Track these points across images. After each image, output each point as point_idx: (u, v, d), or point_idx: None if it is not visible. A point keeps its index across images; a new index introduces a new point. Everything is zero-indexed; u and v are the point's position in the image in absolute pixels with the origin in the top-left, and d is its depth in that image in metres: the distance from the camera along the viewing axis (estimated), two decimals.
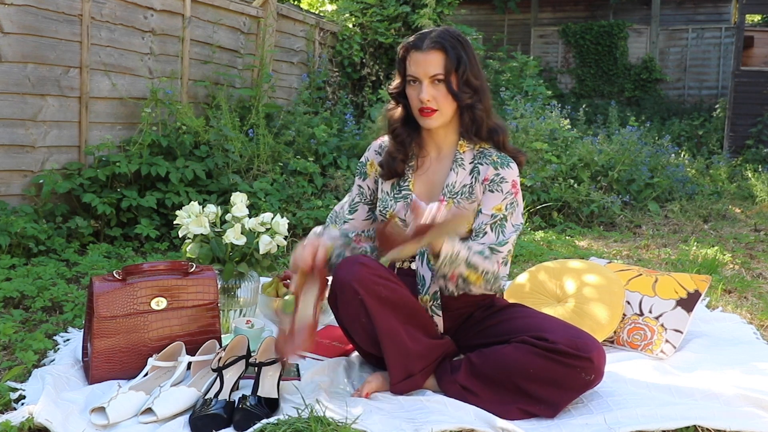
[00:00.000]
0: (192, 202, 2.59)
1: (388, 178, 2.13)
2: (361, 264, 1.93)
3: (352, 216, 2.22)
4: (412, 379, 1.97)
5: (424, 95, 1.97)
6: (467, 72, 1.98)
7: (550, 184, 5.44)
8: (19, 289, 2.87)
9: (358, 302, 1.91)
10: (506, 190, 2.01)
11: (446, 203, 2.04)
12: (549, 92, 7.91)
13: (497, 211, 2.01)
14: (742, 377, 2.12)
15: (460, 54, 1.97)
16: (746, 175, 7.60)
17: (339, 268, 1.95)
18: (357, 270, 1.91)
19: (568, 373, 1.85)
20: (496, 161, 2.03)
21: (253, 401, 1.81)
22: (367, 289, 1.89)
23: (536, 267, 2.69)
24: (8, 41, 3.76)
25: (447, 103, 2.00)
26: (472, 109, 2.02)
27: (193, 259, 2.50)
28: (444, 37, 1.98)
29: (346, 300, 1.94)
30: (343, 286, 1.92)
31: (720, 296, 3.18)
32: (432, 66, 1.96)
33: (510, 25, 13.96)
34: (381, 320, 1.91)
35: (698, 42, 12.60)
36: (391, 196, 2.11)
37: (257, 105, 5.39)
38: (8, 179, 3.86)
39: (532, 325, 1.96)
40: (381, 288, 1.91)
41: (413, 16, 7.15)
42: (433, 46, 1.96)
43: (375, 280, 1.91)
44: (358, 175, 2.24)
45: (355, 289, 1.89)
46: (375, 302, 1.90)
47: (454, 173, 2.06)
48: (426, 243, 1.82)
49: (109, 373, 2.03)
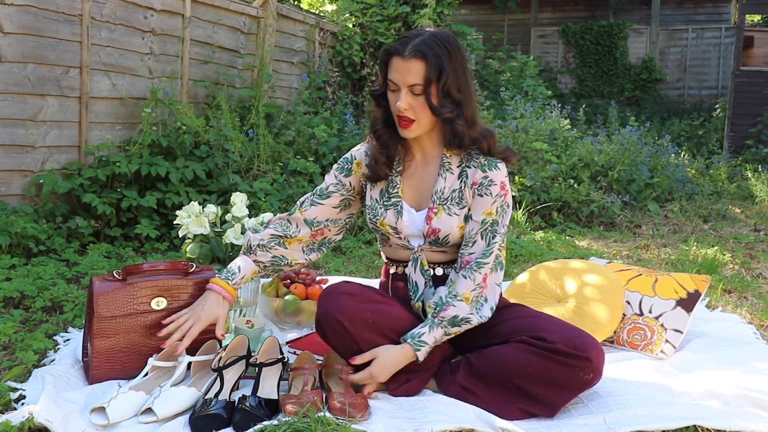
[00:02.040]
0: (192, 202, 2.59)
1: (373, 182, 2.09)
2: (344, 294, 1.93)
3: (323, 201, 2.13)
4: (409, 384, 1.97)
5: (401, 104, 1.92)
6: (448, 83, 1.90)
7: (550, 184, 5.45)
8: (19, 289, 2.87)
9: (345, 333, 1.92)
10: (495, 192, 1.98)
11: (436, 211, 2.02)
12: (549, 92, 7.93)
13: (487, 216, 1.99)
14: (742, 377, 2.12)
15: (443, 64, 1.89)
16: (746, 175, 7.61)
17: (322, 299, 1.96)
18: (341, 301, 1.91)
19: (566, 372, 1.85)
20: (484, 164, 2.00)
21: (253, 402, 1.81)
22: (353, 319, 1.90)
23: (536, 267, 2.69)
24: (8, 41, 3.76)
25: (425, 114, 1.93)
26: (452, 124, 1.95)
27: (193, 259, 2.50)
28: (428, 44, 1.89)
29: (334, 332, 1.94)
30: (328, 318, 1.93)
31: (720, 296, 3.18)
32: (411, 75, 1.89)
33: (510, 25, 13.97)
34: (372, 344, 1.92)
35: (698, 42, 12.60)
36: (381, 204, 2.08)
37: (257, 105, 5.39)
38: (8, 179, 3.86)
39: (531, 325, 1.96)
40: (368, 314, 1.92)
41: (413, 16, 7.15)
42: (415, 54, 1.88)
43: (360, 308, 1.92)
44: (338, 170, 2.15)
45: (341, 321, 1.90)
46: (362, 330, 1.91)
47: (442, 179, 2.03)
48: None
49: (109, 373, 2.03)
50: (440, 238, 2.03)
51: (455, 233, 2.02)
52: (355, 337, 1.91)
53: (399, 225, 2.05)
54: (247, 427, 1.74)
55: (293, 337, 2.52)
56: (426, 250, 2.06)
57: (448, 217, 2.01)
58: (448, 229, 2.01)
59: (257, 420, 1.76)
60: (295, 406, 1.76)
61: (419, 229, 2.05)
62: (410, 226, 2.05)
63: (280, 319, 2.64)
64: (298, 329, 2.62)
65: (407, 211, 2.06)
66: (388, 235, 2.09)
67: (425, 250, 2.06)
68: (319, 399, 1.83)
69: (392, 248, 2.13)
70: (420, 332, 1.92)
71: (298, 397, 1.82)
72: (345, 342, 1.94)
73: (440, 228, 2.01)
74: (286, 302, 2.61)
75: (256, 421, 1.75)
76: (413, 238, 2.07)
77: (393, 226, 2.06)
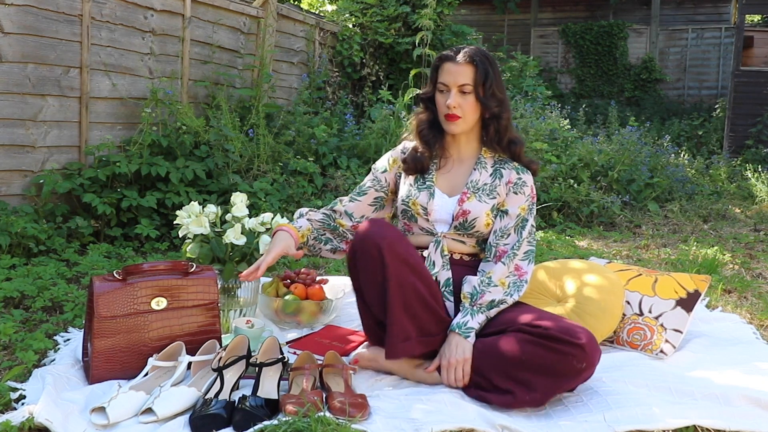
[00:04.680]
0: (192, 202, 2.59)
1: (412, 173, 2.25)
2: (388, 226, 2.03)
3: (360, 198, 2.32)
4: (408, 342, 2.00)
5: (451, 101, 2.15)
6: (493, 86, 2.16)
7: (550, 184, 5.45)
8: (19, 289, 2.87)
9: (378, 260, 1.96)
10: (527, 193, 2.22)
11: (469, 197, 2.17)
12: (549, 92, 7.92)
13: (522, 211, 2.20)
14: (742, 377, 2.12)
15: (488, 70, 2.16)
16: (746, 175, 7.60)
17: (364, 225, 2.04)
18: (383, 230, 2.00)
19: (559, 360, 1.88)
20: (518, 167, 2.24)
21: (253, 402, 1.81)
22: (391, 247, 1.96)
23: (536, 267, 2.69)
24: (8, 41, 3.76)
25: (471, 112, 2.17)
26: (498, 119, 2.19)
27: (193, 259, 2.50)
28: (476, 54, 2.16)
29: (366, 256, 1.99)
30: (365, 241, 1.99)
31: (720, 296, 3.18)
32: (462, 76, 2.15)
33: (510, 25, 13.97)
34: (397, 275, 1.96)
35: (698, 42, 12.60)
36: (415, 187, 2.23)
37: (257, 105, 5.39)
38: (8, 179, 3.86)
39: (528, 316, 2.02)
40: (403, 250, 1.98)
41: (413, 16, 7.15)
42: (466, 59, 2.15)
43: (400, 242, 2.00)
44: (376, 170, 2.35)
45: (379, 246, 1.96)
46: (395, 261, 1.96)
47: (477, 172, 2.23)
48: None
49: (110, 373, 2.03)
50: (467, 221, 2.17)
51: (482, 219, 2.17)
52: (386, 264, 1.95)
53: (430, 206, 2.19)
54: (247, 427, 1.74)
55: (293, 337, 2.52)
56: (448, 237, 2.19)
57: (478, 202, 2.18)
58: (478, 213, 2.17)
59: (257, 420, 1.76)
60: (296, 406, 1.77)
61: (449, 213, 2.19)
62: (440, 209, 2.20)
63: (280, 319, 2.64)
64: (298, 329, 2.63)
65: (439, 195, 2.22)
66: (417, 216, 2.20)
67: (447, 237, 2.19)
68: (319, 399, 1.83)
69: (414, 236, 2.24)
70: (464, 321, 2.06)
71: (299, 397, 1.83)
72: (372, 269, 1.98)
73: (470, 210, 2.17)
74: (286, 302, 2.61)
75: (256, 421, 1.75)
76: (440, 223, 2.20)
77: (424, 206, 2.20)
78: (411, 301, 1.98)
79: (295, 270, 2.84)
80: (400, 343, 1.99)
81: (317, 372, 2.01)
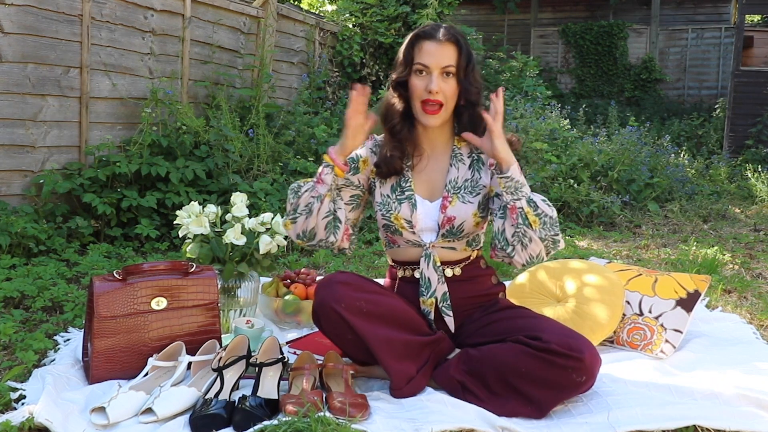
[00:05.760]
0: (192, 202, 2.59)
1: (386, 177, 2.09)
2: (339, 283, 1.94)
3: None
4: (414, 382, 1.96)
5: (434, 86, 1.94)
6: (474, 70, 1.98)
7: (550, 184, 5.45)
8: (19, 289, 2.87)
9: (341, 321, 1.92)
10: None
11: (451, 200, 2.04)
12: (549, 92, 7.93)
13: None
14: (742, 377, 2.12)
15: (470, 51, 1.99)
16: (746, 175, 7.60)
17: (318, 289, 1.97)
18: (336, 290, 1.92)
19: (559, 373, 1.84)
20: None
21: (253, 402, 1.81)
22: (348, 307, 1.90)
23: (536, 267, 2.69)
24: (8, 41, 3.76)
25: (452, 99, 1.99)
26: (473, 107, 2.01)
27: (193, 259, 2.50)
28: (457, 32, 1.98)
29: (329, 320, 1.95)
30: (324, 307, 1.93)
31: (720, 296, 3.18)
32: (445, 57, 1.95)
33: (510, 25, 13.96)
34: (368, 333, 1.91)
35: (698, 42, 12.59)
36: (393, 198, 2.07)
37: (257, 105, 5.40)
38: (8, 179, 3.86)
39: (529, 325, 1.96)
40: (362, 303, 1.91)
41: (413, 16, 7.15)
42: (449, 38, 1.95)
43: (356, 297, 1.92)
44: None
45: (336, 310, 1.90)
46: (358, 318, 1.91)
47: (454, 169, 2.07)
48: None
49: (109, 373, 2.03)
50: (455, 227, 2.03)
51: (470, 221, 2.03)
52: (351, 324, 1.91)
53: (414, 218, 2.04)
54: (247, 427, 1.74)
55: (293, 337, 2.52)
56: (437, 246, 2.06)
57: (462, 204, 2.03)
58: (463, 216, 2.03)
59: (257, 420, 1.76)
60: (296, 406, 1.77)
61: (434, 221, 2.05)
62: (425, 218, 2.05)
63: (280, 319, 2.64)
64: (298, 329, 2.62)
65: (421, 203, 2.06)
66: (401, 230, 2.06)
67: (436, 246, 2.06)
68: (320, 399, 1.83)
69: (400, 249, 2.12)
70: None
71: (299, 396, 1.83)
72: (340, 331, 1.95)
73: (455, 216, 2.03)
74: (286, 302, 2.61)
75: (256, 421, 1.75)
76: (426, 232, 2.07)
77: (408, 220, 2.04)
78: (395, 345, 1.93)
79: (295, 270, 2.84)
80: (406, 386, 1.94)
81: (317, 372, 2.01)
